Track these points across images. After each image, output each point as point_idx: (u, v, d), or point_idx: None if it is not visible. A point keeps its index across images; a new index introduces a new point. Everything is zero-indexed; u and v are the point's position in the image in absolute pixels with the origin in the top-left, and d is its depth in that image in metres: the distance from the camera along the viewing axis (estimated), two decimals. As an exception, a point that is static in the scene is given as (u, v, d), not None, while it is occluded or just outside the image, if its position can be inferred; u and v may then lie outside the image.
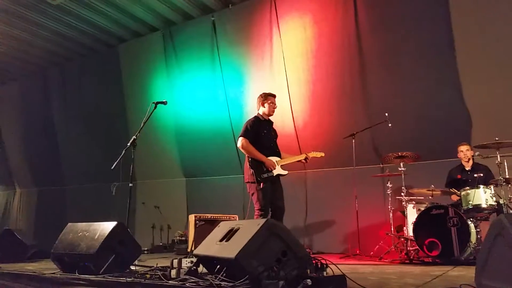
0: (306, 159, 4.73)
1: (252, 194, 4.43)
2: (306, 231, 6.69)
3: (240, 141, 4.50)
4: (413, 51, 5.99)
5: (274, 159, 4.51)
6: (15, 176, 11.16)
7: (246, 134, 4.51)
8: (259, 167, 4.42)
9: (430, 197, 5.16)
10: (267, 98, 4.71)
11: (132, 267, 3.53)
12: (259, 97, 4.77)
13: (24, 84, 10.58)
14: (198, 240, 5.64)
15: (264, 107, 4.69)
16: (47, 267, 3.94)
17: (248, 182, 4.47)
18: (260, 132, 4.56)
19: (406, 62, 6.05)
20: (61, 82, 9.84)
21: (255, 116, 4.72)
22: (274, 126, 4.84)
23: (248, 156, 4.49)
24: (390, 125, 5.47)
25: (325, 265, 2.52)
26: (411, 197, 5.29)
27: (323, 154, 4.86)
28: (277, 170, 4.48)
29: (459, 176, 5.34)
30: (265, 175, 4.39)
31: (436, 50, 5.86)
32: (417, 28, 5.95)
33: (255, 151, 4.45)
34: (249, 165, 4.45)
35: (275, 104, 4.74)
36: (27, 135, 10.61)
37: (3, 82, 10.90)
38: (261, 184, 4.34)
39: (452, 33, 5.68)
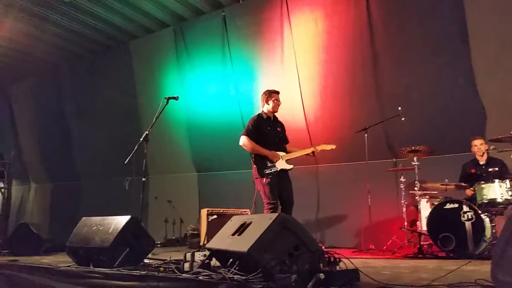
0: (313, 153, 4.72)
1: (260, 190, 4.49)
2: (318, 226, 6.67)
3: (241, 139, 4.58)
4: (426, 44, 5.90)
5: (279, 154, 4.55)
6: (30, 171, 11.34)
7: (247, 132, 4.59)
8: (262, 163, 4.50)
9: (444, 192, 5.10)
10: (271, 95, 4.75)
11: (146, 260, 3.56)
12: (262, 94, 4.83)
13: (37, 81, 10.70)
14: (210, 234, 5.67)
15: (269, 104, 4.74)
16: (62, 260, 3.99)
17: (255, 178, 4.54)
18: (263, 129, 4.62)
19: (419, 55, 5.97)
20: (74, 78, 9.93)
21: (258, 114, 4.77)
22: (283, 120, 4.87)
23: (251, 153, 4.56)
24: (403, 119, 5.40)
25: (337, 259, 2.51)
26: (424, 192, 5.24)
27: (334, 147, 4.80)
28: (282, 165, 4.51)
29: (473, 171, 5.27)
30: (268, 171, 4.45)
31: (450, 43, 5.76)
32: (430, 20, 5.86)
33: (256, 146, 4.51)
34: (252, 161, 4.53)
35: (279, 101, 4.78)
36: (41, 131, 10.75)
37: (17, 79, 11.04)
38: (264, 179, 4.41)
39: (466, 25, 5.58)
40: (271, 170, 4.45)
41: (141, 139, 4.43)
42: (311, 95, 6.82)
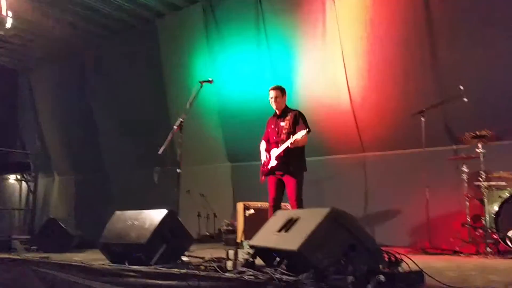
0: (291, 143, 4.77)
1: None
2: (366, 222, 6.55)
3: None
4: (493, 12, 5.65)
5: (273, 152, 4.97)
6: (53, 163, 11.76)
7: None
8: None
9: (514, 183, 4.93)
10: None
11: (184, 258, 3.64)
12: None
13: (60, 66, 10.96)
14: (248, 230, 5.74)
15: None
16: (95, 258, 4.13)
17: None
18: (267, 129, 5.30)
19: (483, 28, 5.71)
20: (98, 63, 10.13)
21: None
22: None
23: None
24: (465, 99, 5.20)
25: (399, 260, 2.48)
26: (490, 183, 5.06)
27: (304, 132, 4.62)
28: (270, 163, 4.95)
29: (548, 159, 5.06)
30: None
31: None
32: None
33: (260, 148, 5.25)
34: None
35: (271, 97, 5.19)
36: (64, 120, 11.10)
37: (38, 65, 11.37)
38: (262, 179, 5.06)
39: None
40: (263, 169, 5.06)
41: (175, 126, 4.50)
42: (357, 74, 6.68)
